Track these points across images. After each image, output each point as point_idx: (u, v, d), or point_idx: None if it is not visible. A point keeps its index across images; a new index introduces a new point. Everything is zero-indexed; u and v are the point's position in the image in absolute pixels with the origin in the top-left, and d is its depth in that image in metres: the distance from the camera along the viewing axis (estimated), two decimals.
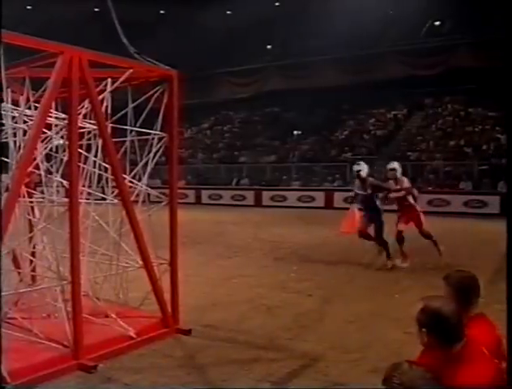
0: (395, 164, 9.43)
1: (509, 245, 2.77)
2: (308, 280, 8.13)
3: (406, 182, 9.34)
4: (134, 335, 5.09)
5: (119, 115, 5.54)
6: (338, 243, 12.11)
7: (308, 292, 7.38)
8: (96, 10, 30.30)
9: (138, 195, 5.60)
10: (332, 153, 26.15)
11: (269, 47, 33.44)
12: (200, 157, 29.77)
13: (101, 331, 5.09)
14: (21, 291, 5.31)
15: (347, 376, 4.52)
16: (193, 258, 6.43)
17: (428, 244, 9.31)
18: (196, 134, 32.69)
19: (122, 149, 5.57)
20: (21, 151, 5.18)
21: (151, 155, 5.51)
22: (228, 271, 8.72)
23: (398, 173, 9.29)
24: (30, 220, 5.89)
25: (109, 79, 5.31)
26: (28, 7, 30.91)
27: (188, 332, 5.46)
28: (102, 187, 5.74)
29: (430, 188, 20.86)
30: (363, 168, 9.22)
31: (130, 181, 5.49)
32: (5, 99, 5.41)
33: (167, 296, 5.55)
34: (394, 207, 9.40)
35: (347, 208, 15.94)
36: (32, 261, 6.14)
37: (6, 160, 5.41)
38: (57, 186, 5.49)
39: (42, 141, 5.19)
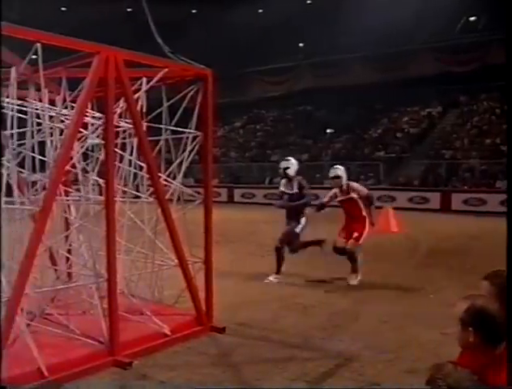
0: (339, 171, 8.10)
1: (509, 244, 2.77)
2: (341, 279, 8.06)
3: (361, 188, 8.12)
4: (168, 333, 5.12)
5: (154, 114, 5.58)
6: (371, 242, 11.97)
7: (343, 291, 7.32)
8: (129, 10, 30.73)
9: (172, 194, 5.63)
10: (365, 152, 25.92)
11: (301, 45, 33.31)
12: (233, 156, 29.86)
13: (136, 328, 5.13)
14: (58, 288, 5.39)
15: (383, 376, 4.46)
16: (226, 256, 6.45)
17: (465, 244, 9.12)
18: (228, 133, 32.81)
19: (157, 148, 5.61)
20: (58, 150, 5.28)
21: (186, 153, 5.54)
22: (261, 269, 8.70)
23: (344, 180, 8.06)
24: (66, 218, 5.98)
25: (144, 79, 5.35)
26: (63, 9, 31.51)
27: (222, 330, 5.47)
28: (137, 185, 5.79)
29: (466, 187, 20.50)
30: (291, 166, 8.14)
31: (165, 180, 5.53)
32: (42, 99, 5.50)
33: (201, 294, 5.57)
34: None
35: (381, 207, 15.90)
36: (68, 259, 6.25)
37: (43, 158, 5.51)
38: (93, 185, 5.57)
39: (78, 140, 5.25)
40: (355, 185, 8.17)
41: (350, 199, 8.01)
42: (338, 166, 8.27)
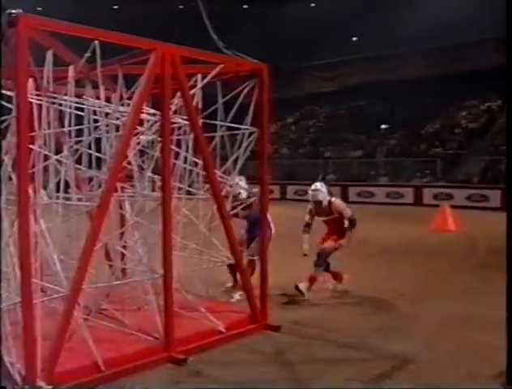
0: (318, 185, 7.19)
1: (508, 243, 2.62)
2: (397, 280, 7.92)
3: (344, 208, 7.09)
4: (223, 330, 5.15)
5: (210, 110, 5.60)
6: (429, 241, 11.73)
7: (398, 292, 7.17)
8: (181, 7, 31.12)
9: (227, 191, 5.65)
10: (421, 148, 25.37)
11: (354, 39, 32.89)
12: (285, 152, 29.82)
13: (191, 324, 5.18)
14: (114, 283, 5.49)
15: (441, 379, 4.36)
16: (279, 254, 6.43)
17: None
18: (281, 129, 32.77)
19: (212, 144, 5.64)
20: (114, 146, 5.37)
21: (241, 150, 5.54)
22: (311, 269, 8.64)
23: (321, 196, 7.08)
24: (122, 214, 6.09)
25: (199, 75, 5.38)
26: (115, 7, 32.20)
27: (277, 329, 5.46)
28: (192, 182, 5.84)
29: None
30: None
31: (221, 177, 5.55)
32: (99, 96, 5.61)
33: (256, 291, 5.56)
34: None
35: (438, 205, 15.53)
36: (123, 255, 6.36)
37: (99, 155, 5.62)
38: (148, 181, 5.64)
39: (134, 136, 5.33)
40: (337, 203, 7.13)
41: (332, 219, 7.20)
42: (317, 185, 7.20)
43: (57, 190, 5.19)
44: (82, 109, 5.51)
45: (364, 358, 4.82)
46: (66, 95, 5.20)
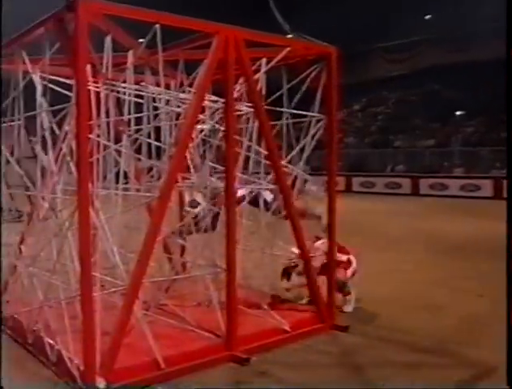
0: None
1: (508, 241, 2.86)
2: (475, 279, 7.69)
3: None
4: (288, 329, 5.14)
5: (274, 97, 5.57)
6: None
7: (476, 292, 6.97)
8: None
9: (292, 182, 5.62)
10: (502, 136, 24.48)
11: (427, 17, 32.01)
12: (351, 142, 29.51)
13: (254, 322, 5.19)
14: (174, 277, 5.58)
15: None
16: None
17: None
18: (346, 117, 32.43)
19: (275, 133, 5.62)
20: (174, 135, 5.44)
21: (308, 139, 5.50)
22: (384, 265, 8.53)
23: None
24: (181, 205, 6.17)
25: (264, 59, 5.36)
26: None
27: (345, 329, 5.40)
28: (256, 172, 5.84)
29: None
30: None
31: (287, 167, 5.53)
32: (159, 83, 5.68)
33: (321, 289, 5.53)
34: None
35: None
36: (183, 248, 6.45)
37: (159, 144, 5.71)
38: (211, 172, 5.68)
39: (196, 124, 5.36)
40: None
41: None
42: None
43: (116, 181, 5.31)
44: (141, 97, 5.62)
45: (442, 364, 4.70)
46: (124, 82, 5.29)
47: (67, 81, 5.34)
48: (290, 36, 5.28)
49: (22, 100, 5.19)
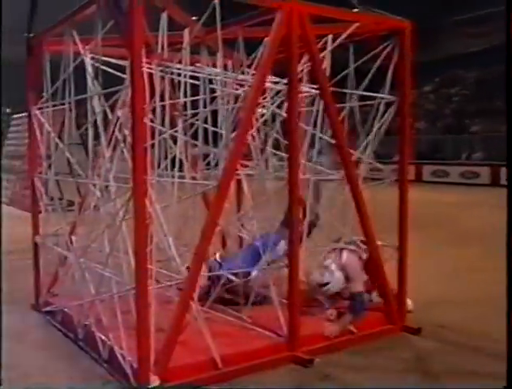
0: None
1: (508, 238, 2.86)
2: None
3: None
4: (354, 330, 5.13)
5: (340, 77, 5.54)
6: None
7: None
8: None
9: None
10: None
11: None
12: (421, 127, 28.99)
13: (317, 321, 5.22)
14: (231, 271, 5.63)
15: None
16: (415, 245, 6.26)
17: None
18: (416, 99, 31.84)
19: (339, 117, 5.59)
20: (233, 119, 5.48)
21: (378, 123, 5.45)
22: (459, 262, 8.38)
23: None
24: (238, 195, 6.22)
25: (330, 36, 5.33)
26: None
27: (417, 332, 5.34)
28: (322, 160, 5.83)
29: None
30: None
31: (354, 154, 5.49)
32: (216, 63, 5.74)
33: (392, 287, 5.48)
34: None
35: None
36: (241, 240, 6.52)
37: (217, 130, 5.77)
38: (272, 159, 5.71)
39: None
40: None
41: None
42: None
43: (171, 169, 5.40)
44: (197, 79, 5.68)
45: None
46: (179, 63, 5.35)
47: (120, 62, 5.49)
48: (358, 10, 5.19)
49: (72, 82, 5.31)
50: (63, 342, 5.31)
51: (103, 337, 4.72)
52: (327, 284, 5.19)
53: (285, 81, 4.92)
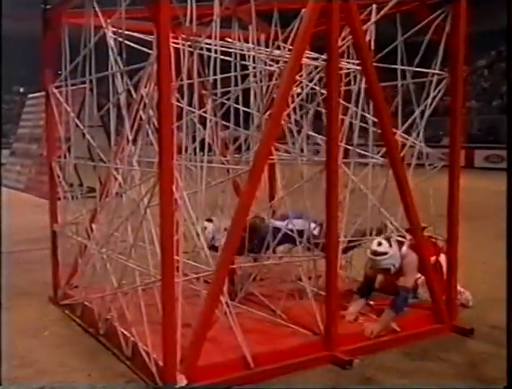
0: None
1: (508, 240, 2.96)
2: None
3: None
4: (397, 329, 5.13)
5: (385, 52, 5.49)
6: None
7: None
8: None
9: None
10: None
11: None
12: (473, 106, 28.60)
13: (356, 318, 5.26)
14: (263, 263, 5.66)
15: None
16: (467, 237, 6.19)
17: None
18: (468, 76, 31.41)
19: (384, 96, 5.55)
20: (267, 99, 5.49)
21: (428, 102, 5.41)
22: None
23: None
24: (270, 180, 6.24)
25: (374, 6, 5.30)
26: None
27: (469, 332, 5.31)
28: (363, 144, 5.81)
29: None
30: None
31: (400, 136, 5.47)
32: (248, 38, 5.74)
33: (440, 283, 5.46)
34: None
35: None
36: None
37: (249, 110, 5.78)
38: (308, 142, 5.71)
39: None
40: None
41: None
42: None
43: (199, 153, 5.43)
44: (228, 55, 5.69)
45: None
46: (209, 37, 5.36)
47: (145, 37, 5.52)
48: None
49: (93, 59, 5.35)
50: (83, 337, 5.41)
51: (126, 332, 4.79)
52: (384, 254, 5.18)
53: (324, 57, 4.90)
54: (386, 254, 5.17)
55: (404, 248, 5.29)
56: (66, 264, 6.26)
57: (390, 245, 5.19)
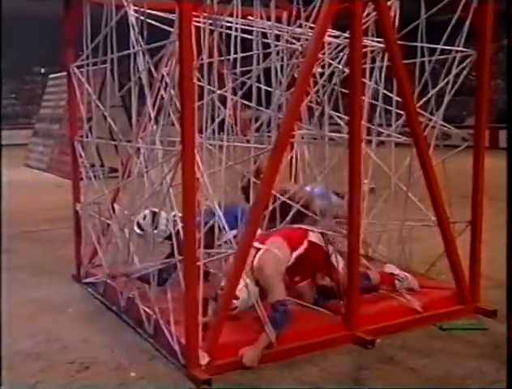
0: None
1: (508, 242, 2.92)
2: None
3: None
4: (420, 309, 5.11)
5: (409, 28, 5.42)
6: None
7: None
8: None
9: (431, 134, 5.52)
10: None
11: None
12: (499, 85, 28.24)
13: (377, 299, 5.25)
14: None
15: None
16: (491, 218, 6.15)
17: None
18: (493, 54, 30.95)
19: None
20: (288, 78, 5.46)
21: (451, 80, 5.35)
22: None
23: None
24: (291, 160, 6.22)
25: None
26: None
27: (492, 314, 5.27)
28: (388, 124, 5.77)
29: None
30: None
31: (423, 116, 5.41)
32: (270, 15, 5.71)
33: (463, 263, 5.43)
34: None
35: None
36: None
37: (270, 89, 5.75)
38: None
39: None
40: None
41: None
42: None
43: (219, 133, 5.43)
44: (249, 33, 5.66)
45: None
46: (230, 16, 5.34)
47: (165, 15, 5.51)
48: None
49: (114, 38, 5.35)
50: (106, 315, 5.48)
51: (148, 310, 4.84)
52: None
53: (347, 34, 4.86)
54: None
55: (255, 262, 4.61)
56: (88, 243, 6.32)
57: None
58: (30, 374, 4.31)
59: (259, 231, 4.79)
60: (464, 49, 5.29)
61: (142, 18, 5.10)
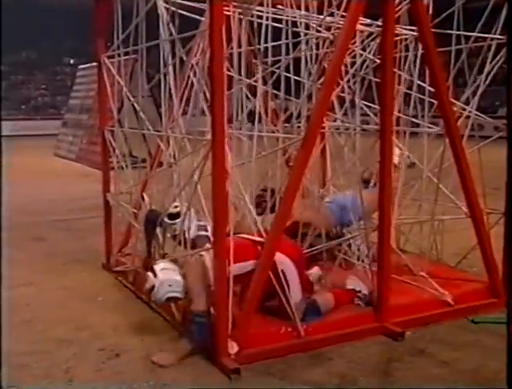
0: None
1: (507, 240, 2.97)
2: None
3: None
4: (451, 302, 5.06)
5: (443, 16, 5.35)
6: None
7: None
8: None
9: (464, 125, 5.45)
10: None
11: None
12: None
13: (408, 291, 5.19)
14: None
15: None
16: None
17: None
18: None
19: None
20: (319, 68, 5.43)
21: (486, 69, 5.27)
22: None
23: None
24: (322, 151, 6.18)
25: None
26: None
27: None
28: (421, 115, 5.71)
29: None
30: None
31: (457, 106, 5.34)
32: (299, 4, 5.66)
33: (496, 256, 5.33)
34: None
35: None
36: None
37: (300, 79, 5.72)
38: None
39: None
40: None
41: None
42: None
43: (248, 123, 5.41)
44: (279, 22, 5.63)
45: None
46: (260, 4, 5.31)
47: (196, 5, 5.50)
48: None
49: (144, 28, 5.35)
50: (135, 303, 5.51)
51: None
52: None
53: (379, 23, 4.81)
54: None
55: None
56: (118, 232, 6.36)
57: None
58: (63, 360, 4.35)
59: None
60: (500, 37, 5.20)
61: (172, 8, 5.09)
